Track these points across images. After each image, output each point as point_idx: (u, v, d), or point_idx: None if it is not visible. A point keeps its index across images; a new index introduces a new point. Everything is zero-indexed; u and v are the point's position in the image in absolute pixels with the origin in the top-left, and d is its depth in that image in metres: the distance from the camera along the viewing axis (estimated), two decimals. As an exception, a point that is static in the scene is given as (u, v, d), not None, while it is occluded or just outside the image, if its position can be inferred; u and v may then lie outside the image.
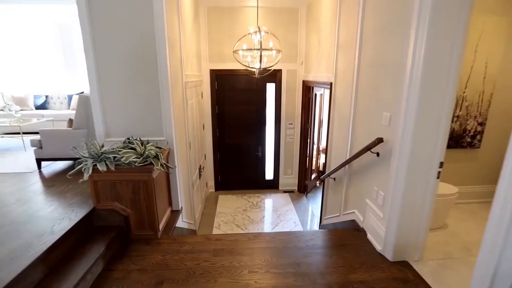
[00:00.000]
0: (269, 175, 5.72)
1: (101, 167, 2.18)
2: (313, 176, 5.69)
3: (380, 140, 2.23)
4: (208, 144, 5.31)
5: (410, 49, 1.83)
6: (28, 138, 4.31)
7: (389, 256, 2.18)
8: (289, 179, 5.70)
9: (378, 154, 2.34)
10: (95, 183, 2.31)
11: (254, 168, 5.64)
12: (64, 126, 4.33)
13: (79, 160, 2.24)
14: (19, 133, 4.75)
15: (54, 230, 1.99)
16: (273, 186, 5.72)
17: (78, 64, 6.17)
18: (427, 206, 2.05)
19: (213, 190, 5.63)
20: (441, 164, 1.97)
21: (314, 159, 5.66)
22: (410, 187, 2.01)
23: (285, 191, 5.64)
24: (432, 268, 2.10)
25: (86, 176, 2.16)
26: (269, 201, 5.27)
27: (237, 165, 5.57)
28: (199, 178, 4.46)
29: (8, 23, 5.90)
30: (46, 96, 5.87)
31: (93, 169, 2.19)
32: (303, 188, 5.56)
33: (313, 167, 5.70)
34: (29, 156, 3.76)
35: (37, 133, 4.96)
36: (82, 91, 5.89)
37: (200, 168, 4.50)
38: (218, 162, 5.50)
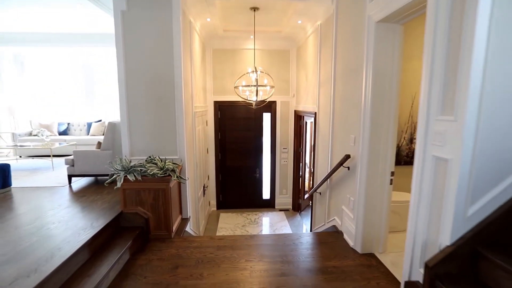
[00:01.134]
0: (266, 195, 6.27)
1: (131, 177, 2.78)
2: (306, 196, 6.22)
3: (348, 156, 2.87)
4: (211, 166, 5.92)
5: (363, 87, 2.53)
6: (50, 159, 4.95)
7: (359, 249, 2.71)
8: (284, 198, 6.24)
9: (348, 168, 2.96)
10: (124, 191, 2.90)
11: (253, 188, 6.20)
12: (83, 149, 4.98)
13: (113, 172, 2.85)
14: (44, 156, 5.40)
15: (93, 225, 2.56)
16: (269, 205, 6.24)
17: (96, 96, 6.99)
18: (385, 207, 2.63)
19: (215, 208, 6.14)
20: (392, 173, 2.58)
21: (306, 180, 6.22)
22: (370, 191, 2.60)
23: (280, 210, 6.16)
24: (392, 258, 2.63)
25: (119, 184, 2.76)
26: (266, 218, 5.76)
27: (237, 185, 6.14)
28: (203, 196, 5.01)
29: (38, 61, 6.79)
30: (68, 124, 6.60)
31: (123, 179, 2.80)
32: (297, 207, 6.08)
33: (306, 188, 6.25)
34: (58, 174, 4.37)
35: (59, 155, 5.61)
36: (100, 119, 6.63)
37: (204, 187, 5.07)
38: (219, 182, 6.07)
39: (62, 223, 2.59)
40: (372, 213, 2.64)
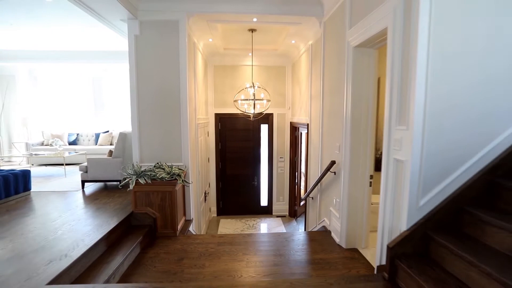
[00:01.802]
0: (263, 202, 6.60)
1: (142, 180, 3.15)
2: (302, 202, 6.54)
3: (333, 162, 3.24)
4: (212, 175, 6.28)
5: (344, 101, 2.93)
6: (61, 167, 5.32)
7: (344, 244, 3.05)
8: (281, 205, 6.57)
9: (335, 173, 3.32)
10: (135, 193, 3.26)
11: (251, 196, 6.54)
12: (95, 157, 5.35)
13: (125, 176, 3.22)
14: (56, 164, 5.77)
15: (108, 222, 2.91)
16: (267, 211, 6.56)
17: (104, 109, 7.43)
18: (365, 206, 2.98)
19: (215, 215, 6.46)
20: (371, 176, 2.95)
21: (302, 188, 6.56)
22: (352, 193, 2.96)
23: (277, 216, 6.48)
24: (373, 252, 2.94)
25: (131, 187, 3.13)
26: (264, 224, 6.08)
27: (236, 193, 6.49)
28: (204, 202, 5.35)
29: (50, 75, 7.27)
30: (77, 134, 7.01)
31: (135, 183, 3.16)
32: (293, 213, 6.40)
33: (302, 195, 6.58)
34: (71, 180, 4.72)
35: (68, 164, 5.97)
36: (107, 130, 7.03)
37: (205, 193, 5.41)
38: (220, 190, 6.41)
39: (81, 221, 2.94)
40: (354, 212, 2.99)
